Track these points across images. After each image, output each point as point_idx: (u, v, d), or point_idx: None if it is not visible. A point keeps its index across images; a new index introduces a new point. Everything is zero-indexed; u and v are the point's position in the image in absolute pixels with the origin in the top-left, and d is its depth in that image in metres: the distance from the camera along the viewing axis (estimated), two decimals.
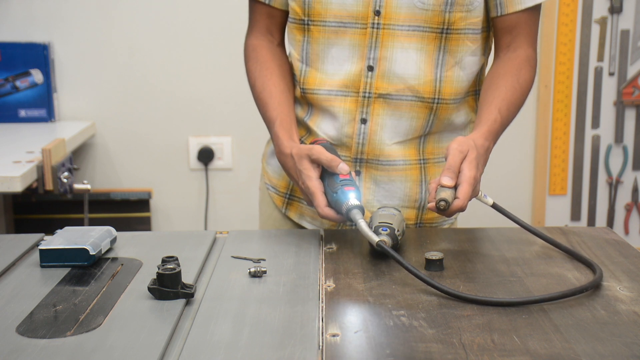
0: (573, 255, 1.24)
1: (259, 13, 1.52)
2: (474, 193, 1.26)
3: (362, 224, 1.20)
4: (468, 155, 1.25)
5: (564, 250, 1.26)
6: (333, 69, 1.43)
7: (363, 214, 1.23)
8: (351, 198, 1.24)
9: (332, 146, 1.39)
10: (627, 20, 2.91)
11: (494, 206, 1.29)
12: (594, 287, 1.11)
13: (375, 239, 1.18)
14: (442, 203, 1.20)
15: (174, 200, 2.95)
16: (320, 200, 1.28)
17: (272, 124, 1.43)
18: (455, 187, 1.22)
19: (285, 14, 1.50)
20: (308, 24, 1.43)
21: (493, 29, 1.46)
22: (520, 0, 1.40)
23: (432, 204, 1.22)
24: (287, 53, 1.55)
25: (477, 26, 1.42)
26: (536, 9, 1.44)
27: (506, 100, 1.39)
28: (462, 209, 1.22)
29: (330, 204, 1.28)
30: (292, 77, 1.51)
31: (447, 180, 1.22)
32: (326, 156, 1.29)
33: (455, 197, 1.22)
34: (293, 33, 1.47)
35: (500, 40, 1.46)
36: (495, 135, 1.36)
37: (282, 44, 1.55)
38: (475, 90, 1.51)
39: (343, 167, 1.28)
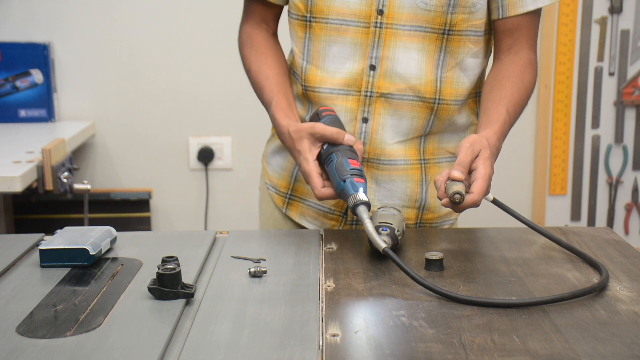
0: (576, 253, 1.24)
1: (255, 5, 1.53)
2: (487, 191, 1.26)
3: (369, 226, 1.18)
4: (482, 153, 1.25)
5: (565, 247, 1.26)
6: (334, 67, 1.43)
7: (369, 210, 1.22)
8: (360, 192, 1.22)
9: (337, 117, 1.37)
10: (627, 20, 2.91)
11: (494, 202, 1.29)
12: (601, 289, 1.10)
13: (382, 245, 1.15)
14: (457, 196, 1.19)
15: (174, 200, 2.95)
16: (316, 182, 1.28)
17: (269, 106, 1.43)
18: (464, 182, 1.22)
19: (280, 5, 1.50)
20: (310, 21, 1.43)
21: (494, 31, 1.46)
22: (523, 4, 1.40)
23: (446, 200, 1.21)
24: (290, 49, 1.55)
25: (480, 28, 1.42)
26: (537, 12, 1.44)
27: (513, 101, 1.39)
28: (476, 204, 1.21)
29: (334, 190, 1.26)
30: (286, 63, 1.52)
31: (458, 173, 1.21)
32: (330, 130, 1.29)
33: (469, 192, 1.21)
34: (295, 29, 1.47)
35: (501, 42, 1.46)
36: (505, 135, 1.36)
37: (276, 33, 1.56)
38: (476, 93, 1.51)
39: (349, 138, 1.28)
